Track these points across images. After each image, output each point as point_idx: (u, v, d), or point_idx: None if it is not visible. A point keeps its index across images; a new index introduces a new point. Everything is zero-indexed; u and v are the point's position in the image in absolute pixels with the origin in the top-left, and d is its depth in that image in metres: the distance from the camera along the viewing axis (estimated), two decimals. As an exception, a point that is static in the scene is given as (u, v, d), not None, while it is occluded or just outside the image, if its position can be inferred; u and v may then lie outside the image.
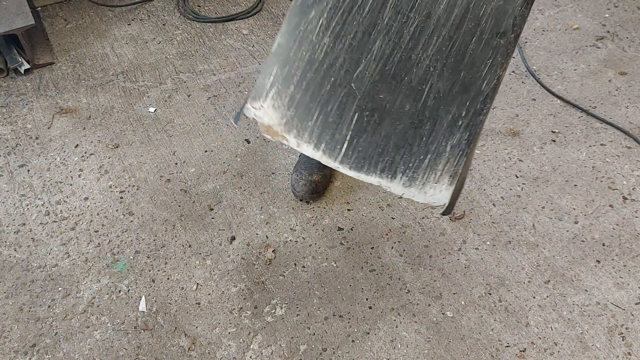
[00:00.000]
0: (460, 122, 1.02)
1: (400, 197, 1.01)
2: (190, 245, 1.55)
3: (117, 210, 1.63)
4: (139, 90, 2.01)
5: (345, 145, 1.06)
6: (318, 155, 1.07)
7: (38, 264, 1.51)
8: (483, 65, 1.01)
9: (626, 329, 1.35)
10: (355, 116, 1.05)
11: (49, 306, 1.43)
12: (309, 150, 1.07)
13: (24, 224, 1.61)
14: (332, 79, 1.05)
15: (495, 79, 1.01)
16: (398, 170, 1.04)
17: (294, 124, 1.06)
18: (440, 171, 1.03)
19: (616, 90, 1.94)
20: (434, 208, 1.60)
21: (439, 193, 1.04)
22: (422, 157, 1.03)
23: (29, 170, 1.75)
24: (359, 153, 1.06)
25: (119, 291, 1.46)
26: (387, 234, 1.56)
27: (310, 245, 1.54)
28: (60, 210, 1.64)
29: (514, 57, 2.08)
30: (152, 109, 1.94)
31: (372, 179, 1.06)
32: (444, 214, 1.06)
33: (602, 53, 2.08)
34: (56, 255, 1.53)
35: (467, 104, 1.02)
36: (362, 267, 1.49)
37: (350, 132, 1.05)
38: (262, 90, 1.05)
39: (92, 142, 1.83)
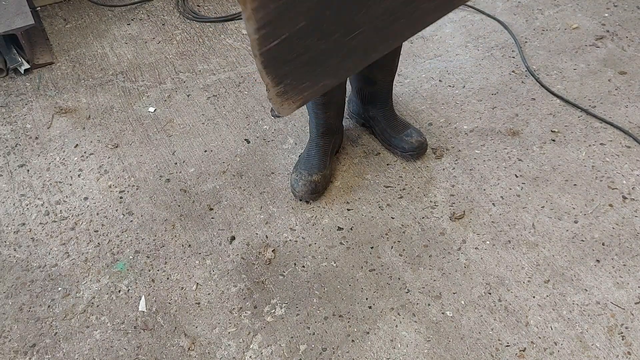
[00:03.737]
0: None
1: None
2: (190, 245, 1.55)
3: (116, 210, 1.63)
4: (139, 90, 2.01)
5: None
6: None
7: (38, 264, 1.51)
8: None
9: (626, 328, 1.35)
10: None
11: (48, 306, 1.43)
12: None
13: (24, 224, 1.61)
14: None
15: None
16: None
17: None
18: None
19: (616, 89, 1.94)
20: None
21: None
22: None
23: (28, 170, 1.75)
24: None
25: (119, 291, 1.46)
26: (386, 234, 1.56)
27: (309, 245, 1.54)
28: (60, 210, 1.64)
29: (513, 57, 2.08)
30: (151, 109, 1.94)
31: None
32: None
33: (602, 52, 2.09)
34: (56, 255, 1.53)
35: None
36: (362, 267, 1.49)
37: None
38: None
39: (91, 142, 1.83)
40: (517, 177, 1.69)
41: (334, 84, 1.18)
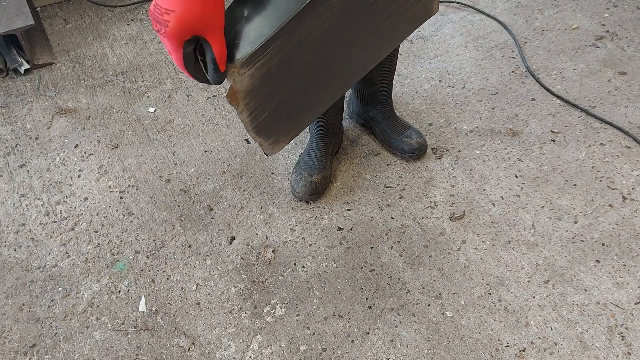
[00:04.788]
0: None
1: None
2: (190, 246, 1.55)
3: (116, 211, 1.63)
4: (139, 91, 2.01)
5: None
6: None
7: (38, 265, 1.51)
8: None
9: (626, 328, 1.35)
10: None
11: (48, 306, 1.43)
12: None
13: (24, 224, 1.61)
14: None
15: None
16: None
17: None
18: None
19: (615, 89, 1.94)
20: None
21: None
22: None
23: (28, 171, 1.75)
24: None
25: (119, 291, 1.46)
26: (386, 234, 1.56)
27: (309, 245, 1.54)
28: (60, 211, 1.64)
29: (513, 58, 2.08)
30: (151, 109, 1.94)
31: None
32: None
33: (602, 53, 2.09)
34: (56, 255, 1.53)
35: None
36: (362, 267, 1.49)
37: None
38: (254, 57, 1.07)
39: (91, 142, 1.83)
40: (517, 177, 1.69)
41: (316, 117, 1.32)
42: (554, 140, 1.79)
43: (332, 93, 1.29)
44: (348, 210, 1.62)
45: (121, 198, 1.67)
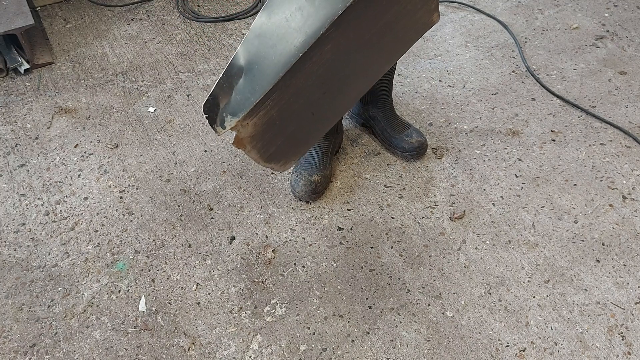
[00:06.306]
0: None
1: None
2: (190, 245, 1.55)
3: (116, 210, 1.63)
4: (139, 90, 2.01)
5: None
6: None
7: (38, 264, 1.51)
8: None
9: (626, 328, 1.35)
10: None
11: (48, 306, 1.43)
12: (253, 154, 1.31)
13: (24, 224, 1.61)
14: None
15: None
16: None
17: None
18: None
19: (616, 89, 1.94)
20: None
21: None
22: None
23: (28, 170, 1.75)
24: None
25: (119, 291, 1.46)
26: (386, 234, 1.56)
27: (310, 245, 1.54)
28: (60, 210, 1.64)
29: (513, 57, 2.08)
30: (151, 109, 1.94)
31: None
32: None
33: (602, 52, 2.09)
34: (56, 255, 1.53)
35: None
36: (362, 267, 1.49)
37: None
38: (254, 110, 1.18)
39: (91, 142, 1.83)
40: (517, 177, 1.69)
41: (324, 134, 1.40)
42: (554, 140, 1.79)
43: (337, 113, 1.34)
44: (348, 210, 1.62)
45: (121, 198, 1.67)
